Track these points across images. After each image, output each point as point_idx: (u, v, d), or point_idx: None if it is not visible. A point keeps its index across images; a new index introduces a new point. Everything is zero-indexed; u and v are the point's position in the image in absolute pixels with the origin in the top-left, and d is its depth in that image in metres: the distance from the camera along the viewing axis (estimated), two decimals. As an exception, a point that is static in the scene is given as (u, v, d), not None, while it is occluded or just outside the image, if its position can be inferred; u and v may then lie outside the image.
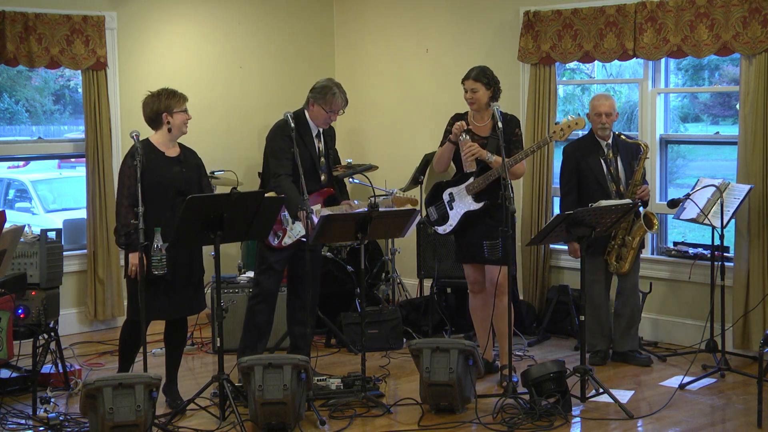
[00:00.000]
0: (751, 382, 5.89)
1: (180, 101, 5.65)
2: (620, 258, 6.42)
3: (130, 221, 5.43)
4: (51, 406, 5.50)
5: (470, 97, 6.12)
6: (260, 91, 8.74)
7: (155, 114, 5.62)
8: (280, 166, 6.03)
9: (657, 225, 6.44)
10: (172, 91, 5.69)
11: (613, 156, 6.43)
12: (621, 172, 6.43)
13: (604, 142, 6.44)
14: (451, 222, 6.20)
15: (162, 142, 5.64)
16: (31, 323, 5.84)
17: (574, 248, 6.41)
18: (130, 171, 5.48)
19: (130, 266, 5.50)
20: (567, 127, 5.98)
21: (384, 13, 8.85)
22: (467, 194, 6.10)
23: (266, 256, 6.16)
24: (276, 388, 5.18)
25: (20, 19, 7.22)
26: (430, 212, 6.32)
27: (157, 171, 5.53)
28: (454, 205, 6.18)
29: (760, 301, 6.53)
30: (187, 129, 5.72)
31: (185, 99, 5.71)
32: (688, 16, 6.68)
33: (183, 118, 5.64)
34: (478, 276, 6.21)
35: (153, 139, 5.66)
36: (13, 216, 9.48)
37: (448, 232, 6.24)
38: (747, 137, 6.53)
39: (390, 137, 8.87)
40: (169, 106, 5.61)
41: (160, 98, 5.63)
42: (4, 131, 9.10)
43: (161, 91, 5.68)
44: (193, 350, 7.16)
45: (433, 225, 6.33)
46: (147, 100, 5.68)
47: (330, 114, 6.09)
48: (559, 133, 5.99)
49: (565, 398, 5.48)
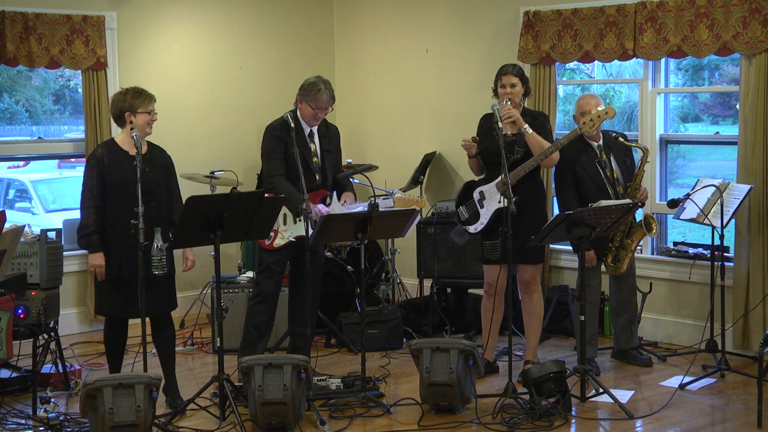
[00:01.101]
0: (751, 382, 5.89)
1: (145, 102, 5.60)
2: (617, 259, 6.41)
3: (91, 222, 5.50)
4: (51, 406, 5.49)
5: (509, 91, 6.09)
6: (260, 91, 8.74)
7: (119, 112, 5.63)
8: (272, 167, 6.03)
9: (656, 229, 6.38)
10: (139, 90, 5.65)
11: (606, 157, 6.37)
12: (617, 171, 6.38)
13: (595, 144, 6.33)
14: (482, 220, 6.17)
15: (125, 140, 5.63)
16: (31, 323, 5.83)
17: (590, 257, 6.16)
18: (91, 173, 5.54)
19: (89, 267, 5.54)
20: (597, 117, 5.98)
21: (384, 13, 8.86)
22: (498, 192, 6.07)
23: (264, 256, 6.16)
24: (276, 388, 5.18)
25: (20, 19, 7.22)
26: (460, 211, 6.29)
27: (120, 170, 5.53)
28: (484, 203, 6.16)
29: (760, 301, 6.53)
30: (150, 130, 5.66)
31: (152, 99, 5.65)
32: (688, 16, 6.68)
33: (145, 118, 5.60)
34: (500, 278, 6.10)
35: (117, 138, 5.68)
36: (13, 216, 9.49)
37: (479, 231, 6.20)
38: (747, 137, 6.53)
39: (390, 137, 8.87)
40: (133, 105, 5.58)
41: (126, 97, 5.62)
42: (4, 131, 9.10)
43: (128, 90, 5.67)
44: (193, 350, 7.16)
45: (463, 224, 6.30)
46: (114, 97, 5.70)
47: (316, 111, 6.05)
48: (588, 124, 5.98)
49: (565, 398, 5.48)
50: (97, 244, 5.50)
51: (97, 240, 5.51)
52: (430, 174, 8.45)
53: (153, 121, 5.66)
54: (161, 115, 8.00)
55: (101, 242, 5.52)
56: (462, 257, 7.34)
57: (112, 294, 5.59)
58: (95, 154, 5.60)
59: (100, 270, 5.51)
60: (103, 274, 5.53)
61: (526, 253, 6.07)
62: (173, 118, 8.18)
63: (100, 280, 5.57)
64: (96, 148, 5.68)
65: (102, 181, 5.52)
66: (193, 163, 8.09)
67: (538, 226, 5.83)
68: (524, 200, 6.02)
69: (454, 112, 8.30)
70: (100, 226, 5.52)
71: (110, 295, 5.60)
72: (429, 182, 8.48)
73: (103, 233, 5.53)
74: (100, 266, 5.51)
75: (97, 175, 5.53)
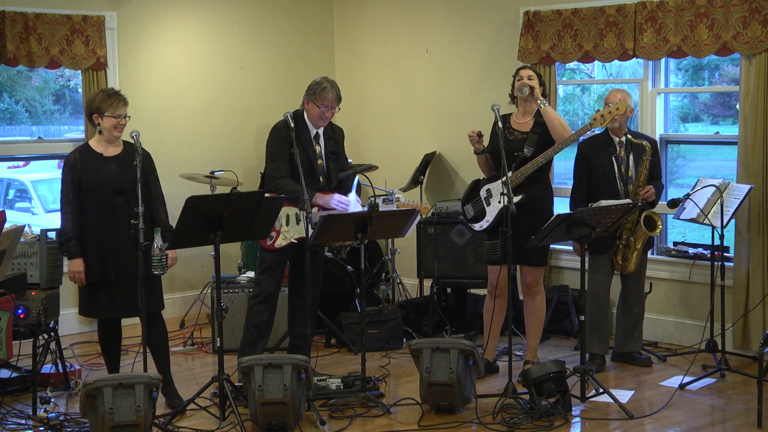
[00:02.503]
0: (751, 382, 5.89)
1: (113, 105, 5.53)
2: (625, 258, 6.41)
3: (69, 228, 5.51)
4: (51, 406, 5.49)
5: (528, 80, 6.09)
6: (260, 91, 8.74)
7: (89, 113, 5.63)
8: (277, 169, 6.03)
9: (660, 227, 6.35)
10: (110, 93, 5.60)
11: (626, 154, 6.35)
12: (632, 170, 6.37)
13: (617, 139, 6.34)
14: (488, 218, 6.15)
15: (98, 142, 5.63)
16: (31, 323, 5.83)
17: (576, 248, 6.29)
18: (65, 179, 5.56)
19: (68, 273, 5.55)
20: (608, 113, 5.99)
21: (384, 13, 8.86)
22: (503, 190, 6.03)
23: (265, 256, 6.16)
24: (276, 388, 5.18)
25: (20, 19, 7.22)
26: (466, 209, 6.27)
27: (93, 172, 5.53)
28: (491, 201, 6.15)
29: (760, 301, 6.53)
30: (119, 134, 5.60)
31: (122, 103, 5.56)
32: (688, 16, 6.68)
33: (112, 122, 5.53)
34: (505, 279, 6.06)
35: (92, 141, 5.66)
36: (13, 216, 9.49)
37: (485, 229, 6.19)
38: (747, 137, 6.53)
39: (390, 137, 8.87)
40: (100, 108, 5.54)
41: (95, 98, 5.60)
42: (4, 131, 9.10)
43: (100, 91, 5.66)
44: (193, 350, 7.16)
45: (469, 222, 6.28)
46: (88, 97, 5.68)
47: (323, 110, 6.05)
48: (599, 120, 5.98)
49: (565, 398, 5.48)
50: (74, 249, 5.51)
51: (75, 246, 5.51)
52: (430, 174, 8.45)
53: (122, 125, 5.58)
54: (161, 115, 8.09)
55: (80, 248, 5.51)
56: (462, 257, 7.34)
57: (94, 295, 5.59)
58: (68, 160, 5.61)
59: (79, 276, 5.52)
60: (83, 280, 5.53)
61: (530, 255, 6.06)
62: (173, 118, 8.19)
63: (80, 286, 5.60)
64: (69, 153, 5.67)
65: (78, 186, 5.53)
66: (193, 163, 8.10)
67: None
68: (530, 200, 6.01)
69: (454, 112, 8.30)
70: (78, 232, 5.52)
71: (92, 297, 5.60)
72: (429, 182, 8.48)
73: (82, 238, 5.52)
74: (79, 272, 5.51)
75: (72, 180, 5.54)
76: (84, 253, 5.52)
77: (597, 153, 6.34)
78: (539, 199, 6.12)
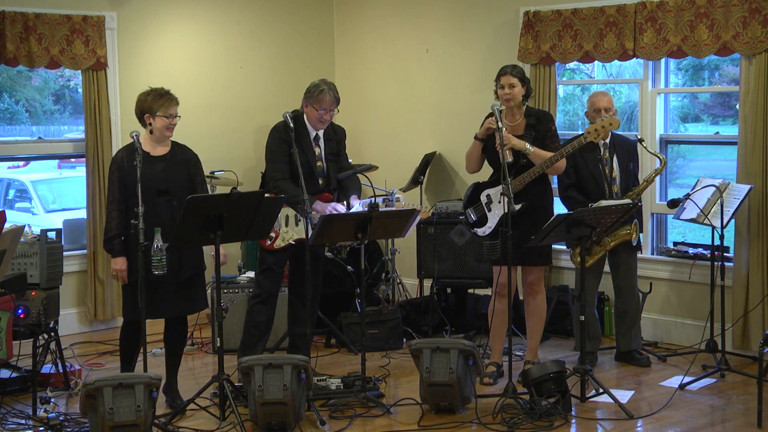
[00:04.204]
0: (751, 382, 5.89)
1: (165, 105, 5.55)
2: (588, 252, 6.31)
3: (113, 226, 5.49)
4: (51, 406, 5.49)
5: (508, 92, 5.99)
6: (260, 91, 8.74)
7: (140, 113, 5.62)
8: (276, 170, 6.03)
9: (636, 237, 6.35)
10: (162, 93, 5.60)
11: (609, 156, 6.40)
12: (616, 171, 6.41)
13: (602, 142, 6.38)
14: (490, 224, 6.14)
15: (147, 141, 5.62)
16: (31, 323, 5.83)
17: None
18: (112, 177, 5.53)
19: (112, 272, 5.54)
20: (601, 127, 5.99)
21: (384, 13, 8.86)
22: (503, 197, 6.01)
23: (265, 256, 6.17)
24: (276, 388, 5.18)
25: (20, 19, 7.22)
26: (468, 214, 6.26)
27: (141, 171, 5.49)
28: (492, 206, 6.15)
29: (760, 301, 6.53)
30: (170, 133, 5.63)
31: (174, 103, 5.59)
32: (688, 16, 6.68)
33: (164, 122, 5.55)
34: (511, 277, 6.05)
35: (141, 137, 5.63)
36: (13, 216, 9.49)
37: (488, 234, 6.17)
38: (747, 137, 6.53)
39: (390, 137, 8.87)
40: (152, 108, 5.55)
41: (147, 98, 5.59)
42: (4, 131, 9.10)
43: (151, 91, 5.63)
44: (193, 350, 7.16)
45: (472, 227, 6.27)
46: (139, 96, 5.67)
47: (321, 113, 6.03)
48: (593, 134, 5.97)
49: (565, 398, 5.48)
50: (118, 248, 5.48)
51: (119, 244, 5.48)
52: (430, 174, 8.45)
53: (173, 125, 5.60)
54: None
55: (123, 246, 5.49)
56: (462, 257, 7.34)
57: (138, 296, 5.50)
58: (116, 158, 5.59)
59: (122, 274, 5.50)
60: (126, 278, 5.51)
61: (532, 254, 6.06)
62: (173, 118, 8.19)
63: (123, 284, 5.57)
64: (118, 151, 5.67)
65: (124, 184, 5.50)
66: (193, 163, 8.09)
67: None
68: (531, 204, 5.99)
69: (454, 112, 8.30)
70: (123, 230, 5.49)
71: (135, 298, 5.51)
72: (429, 182, 8.48)
73: (127, 236, 5.49)
74: (122, 270, 5.49)
75: (118, 179, 5.50)
76: (128, 251, 5.49)
77: (582, 153, 6.34)
78: (540, 204, 6.11)
